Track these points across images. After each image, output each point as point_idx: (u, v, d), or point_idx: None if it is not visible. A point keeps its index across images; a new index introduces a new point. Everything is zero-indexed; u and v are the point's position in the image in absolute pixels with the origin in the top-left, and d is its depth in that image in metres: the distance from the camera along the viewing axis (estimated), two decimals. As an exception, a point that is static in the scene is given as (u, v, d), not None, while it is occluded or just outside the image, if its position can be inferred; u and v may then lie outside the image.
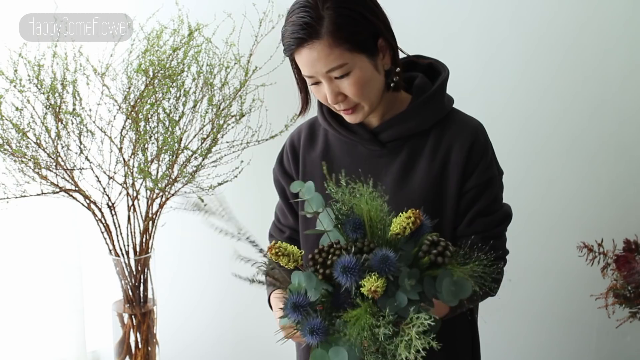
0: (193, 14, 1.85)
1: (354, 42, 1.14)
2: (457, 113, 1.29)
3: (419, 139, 1.26)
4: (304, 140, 1.36)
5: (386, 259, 0.94)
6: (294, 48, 1.15)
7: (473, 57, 2.01)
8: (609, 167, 2.01)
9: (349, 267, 0.94)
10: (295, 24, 1.14)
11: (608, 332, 1.93)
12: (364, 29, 1.15)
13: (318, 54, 1.13)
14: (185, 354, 2.29)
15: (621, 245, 1.74)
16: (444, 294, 0.96)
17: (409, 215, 0.98)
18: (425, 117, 1.25)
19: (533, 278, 2.09)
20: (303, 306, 0.96)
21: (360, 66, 1.16)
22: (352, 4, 1.15)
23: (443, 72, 1.28)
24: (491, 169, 1.27)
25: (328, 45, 1.12)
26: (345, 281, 0.94)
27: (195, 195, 1.86)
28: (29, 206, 1.87)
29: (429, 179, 1.24)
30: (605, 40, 1.94)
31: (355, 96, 1.17)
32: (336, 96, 1.18)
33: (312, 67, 1.15)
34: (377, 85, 1.20)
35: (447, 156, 1.24)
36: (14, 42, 1.70)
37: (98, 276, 2.17)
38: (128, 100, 1.75)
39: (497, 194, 1.28)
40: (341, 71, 1.15)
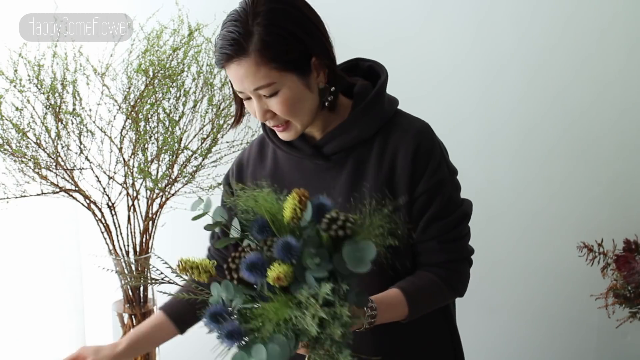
0: (193, 14, 1.85)
1: (283, 62, 1.10)
2: (401, 116, 1.24)
3: (364, 147, 1.21)
4: (253, 158, 1.33)
5: (287, 245, 0.94)
6: (222, 63, 1.12)
7: (476, 60, 2.01)
8: (609, 167, 2.01)
9: (254, 263, 0.94)
10: (224, 38, 1.11)
11: (608, 332, 1.93)
12: (294, 48, 1.11)
13: (245, 72, 1.10)
14: (186, 354, 2.28)
15: (621, 245, 1.74)
16: (350, 262, 0.94)
17: (293, 196, 0.97)
18: (366, 124, 1.20)
19: (533, 278, 2.09)
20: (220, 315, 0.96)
21: (289, 85, 1.12)
22: (283, 21, 1.11)
23: (382, 74, 1.23)
24: (440, 171, 1.20)
25: (255, 63, 1.09)
26: (254, 278, 0.94)
27: (196, 195, 1.86)
28: (29, 206, 1.87)
29: (378, 187, 1.19)
30: (605, 41, 1.94)
31: (284, 114, 1.14)
32: (264, 114, 1.15)
33: (240, 83, 1.12)
34: (308, 104, 1.16)
35: (393, 163, 1.19)
36: (14, 42, 1.70)
37: (98, 276, 2.17)
38: (128, 100, 1.75)
39: (450, 196, 1.22)
40: (269, 90, 1.11)
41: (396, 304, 1.15)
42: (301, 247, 0.95)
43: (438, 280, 1.20)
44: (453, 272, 1.22)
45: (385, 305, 1.12)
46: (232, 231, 1.05)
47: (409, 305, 1.16)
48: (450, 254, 1.22)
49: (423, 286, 1.19)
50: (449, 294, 1.23)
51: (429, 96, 2.05)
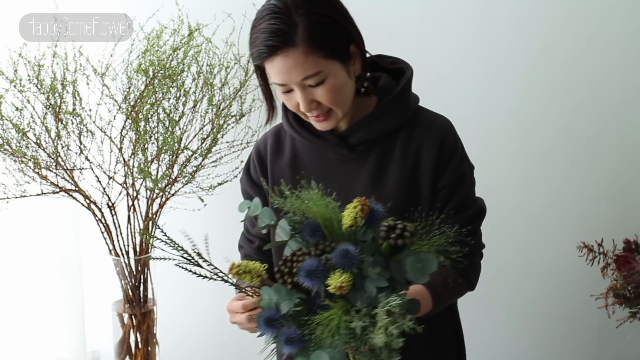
0: (193, 14, 1.85)
1: (329, 49, 1.12)
2: (424, 112, 1.28)
3: (388, 140, 1.24)
4: (270, 149, 1.33)
5: (347, 253, 0.94)
6: (266, 56, 1.12)
7: (475, 60, 2.01)
8: (609, 167, 2.01)
9: (312, 269, 0.93)
10: (267, 30, 1.11)
11: (608, 332, 1.93)
12: (338, 35, 1.14)
13: (293, 62, 1.10)
14: (185, 354, 2.29)
15: (621, 245, 1.74)
16: (411, 273, 0.95)
17: (355, 205, 0.97)
18: (392, 118, 1.23)
19: (533, 278, 2.09)
20: (276, 320, 0.96)
21: (334, 73, 1.14)
22: (325, 9, 1.12)
23: (407, 71, 1.26)
24: (462, 165, 1.25)
25: (303, 53, 1.10)
26: (311, 285, 0.94)
27: (196, 195, 1.86)
28: (29, 206, 1.87)
29: (402, 180, 1.22)
30: (606, 42, 1.95)
31: (330, 103, 1.16)
32: (310, 104, 1.16)
33: (286, 75, 1.12)
34: (350, 92, 1.19)
35: (417, 156, 1.22)
36: (14, 42, 1.70)
37: (98, 276, 2.17)
38: (128, 100, 1.75)
39: (469, 190, 1.27)
40: (316, 79, 1.13)
41: (422, 299, 1.17)
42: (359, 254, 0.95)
43: (456, 274, 1.24)
44: (470, 266, 1.26)
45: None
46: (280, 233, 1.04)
47: (433, 300, 1.19)
48: (467, 247, 1.24)
49: (444, 281, 1.21)
50: (466, 287, 1.28)
51: (427, 97, 2.04)
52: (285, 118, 1.29)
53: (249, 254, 1.42)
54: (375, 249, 0.98)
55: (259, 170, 1.35)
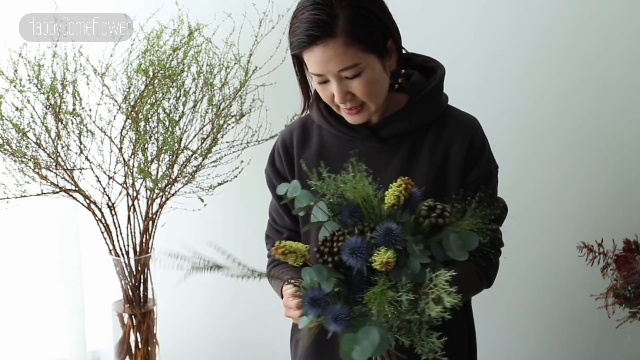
0: (193, 14, 1.85)
1: (368, 42, 1.14)
2: (454, 110, 1.31)
3: (418, 135, 1.26)
4: (297, 140, 1.35)
5: (390, 231, 0.97)
6: (306, 45, 1.13)
7: (473, 55, 2.01)
8: (609, 167, 2.01)
9: (356, 247, 0.96)
10: (308, 20, 1.13)
11: (608, 332, 1.93)
12: (377, 30, 1.16)
13: (332, 53, 1.12)
14: (185, 354, 2.29)
15: (621, 245, 1.74)
16: (454, 249, 0.99)
17: (399, 184, 1.01)
18: (424, 113, 1.25)
19: (533, 278, 2.09)
20: (320, 299, 0.97)
21: (371, 67, 1.16)
22: (367, 3, 1.15)
23: (439, 69, 1.29)
24: (489, 163, 1.30)
25: (343, 44, 1.12)
26: (355, 262, 0.96)
27: (196, 195, 1.86)
28: (29, 206, 1.87)
29: (431, 174, 1.25)
30: (606, 39, 1.94)
31: (364, 96, 1.17)
32: (344, 95, 1.18)
33: (324, 65, 1.14)
34: (384, 86, 1.21)
35: (447, 152, 1.25)
36: (14, 42, 1.70)
37: (98, 276, 2.17)
38: (128, 100, 1.75)
39: (494, 188, 1.32)
40: (353, 71, 1.14)
41: None
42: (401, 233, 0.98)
43: (479, 270, 1.27)
44: (490, 263, 1.30)
45: None
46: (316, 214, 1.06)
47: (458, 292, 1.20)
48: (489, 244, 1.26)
49: (466, 274, 1.23)
50: (485, 283, 1.32)
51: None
52: (317, 108, 1.30)
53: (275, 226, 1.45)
54: (415, 228, 1.02)
55: (284, 161, 1.36)
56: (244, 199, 2.09)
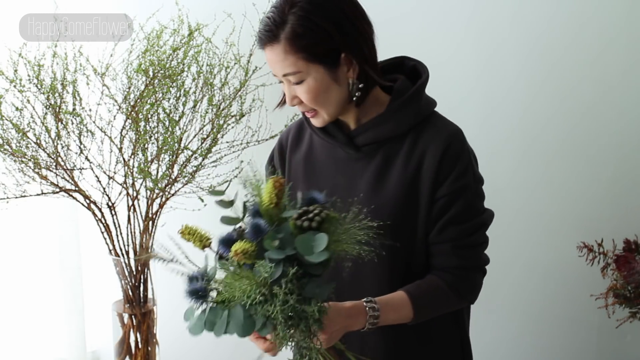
0: (193, 14, 1.85)
1: (310, 53, 1.14)
2: (437, 118, 1.26)
3: (395, 142, 1.24)
4: (291, 140, 1.36)
5: (257, 226, 1.02)
6: (259, 45, 1.18)
7: (477, 61, 2.01)
8: (609, 167, 2.01)
9: (227, 239, 1.04)
10: (263, 22, 1.16)
11: (608, 332, 1.93)
12: (323, 43, 1.14)
13: (275, 57, 1.15)
14: (185, 354, 2.28)
15: (621, 245, 1.74)
16: (300, 248, 1.01)
17: (270, 182, 1.05)
18: (400, 121, 1.23)
19: (533, 278, 2.09)
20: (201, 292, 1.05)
21: (314, 76, 1.15)
22: (317, 15, 1.13)
23: (423, 74, 1.26)
24: (465, 176, 1.21)
25: (283, 50, 1.13)
26: (223, 251, 1.04)
27: (196, 195, 1.86)
28: (29, 206, 1.87)
29: (403, 183, 1.21)
30: (605, 41, 1.94)
31: (309, 103, 1.18)
32: (292, 99, 1.19)
33: (272, 67, 1.18)
34: (334, 96, 1.19)
35: (420, 161, 1.21)
36: (14, 42, 1.70)
37: (98, 276, 2.17)
38: (128, 100, 1.75)
39: (471, 203, 1.23)
40: (294, 78, 1.16)
41: (401, 306, 1.17)
42: (269, 229, 1.03)
43: (445, 286, 1.21)
44: (462, 279, 1.23)
45: (389, 307, 1.15)
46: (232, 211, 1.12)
47: (414, 308, 1.18)
48: (462, 260, 1.22)
49: (429, 290, 1.20)
50: (455, 301, 1.24)
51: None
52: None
53: None
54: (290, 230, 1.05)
55: (278, 160, 1.38)
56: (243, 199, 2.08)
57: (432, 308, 1.22)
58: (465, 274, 1.23)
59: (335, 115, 1.23)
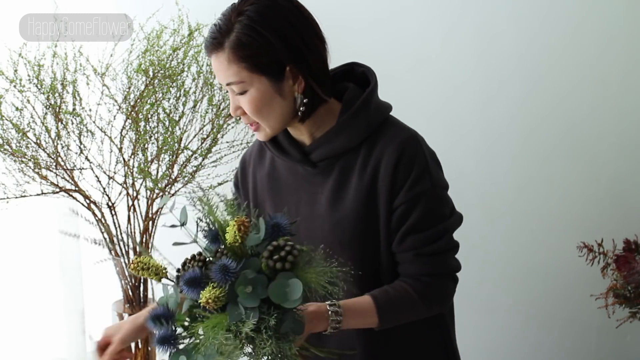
0: (193, 14, 1.85)
1: (253, 63, 1.11)
2: (391, 124, 1.21)
3: (351, 155, 1.20)
4: (254, 158, 1.34)
5: (225, 268, 0.93)
6: (207, 53, 1.15)
7: (476, 61, 2.01)
8: (609, 167, 2.01)
9: (193, 278, 0.95)
10: (210, 29, 1.15)
11: (608, 332, 1.93)
12: (267, 54, 1.11)
13: (219, 65, 1.13)
14: (185, 354, 2.29)
15: (621, 245, 1.74)
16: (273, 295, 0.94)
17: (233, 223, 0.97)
18: (352, 134, 1.19)
19: (533, 278, 2.09)
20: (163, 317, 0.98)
21: (257, 87, 1.13)
22: (262, 26, 1.11)
23: (371, 82, 1.21)
24: (422, 183, 1.16)
25: (227, 59, 1.12)
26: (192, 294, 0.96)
27: (196, 195, 1.86)
28: (29, 206, 1.87)
29: (360, 196, 1.18)
30: (605, 41, 1.94)
31: (252, 114, 1.15)
32: (235, 110, 1.17)
33: (217, 75, 1.16)
34: (278, 109, 1.16)
35: (375, 172, 1.17)
36: (14, 42, 1.70)
37: (98, 276, 2.16)
38: (128, 100, 1.75)
39: (432, 209, 1.18)
40: (237, 88, 1.14)
41: (365, 311, 1.15)
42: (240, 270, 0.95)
43: (412, 292, 1.18)
44: (428, 286, 1.19)
45: (353, 312, 1.13)
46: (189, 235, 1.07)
47: (379, 313, 1.15)
48: (426, 267, 1.19)
49: (395, 296, 1.17)
50: (422, 308, 1.20)
51: (428, 98, 2.05)
52: None
53: None
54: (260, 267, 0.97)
55: (241, 178, 1.37)
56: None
57: (398, 315, 1.19)
58: (431, 281, 1.20)
59: (279, 130, 1.19)
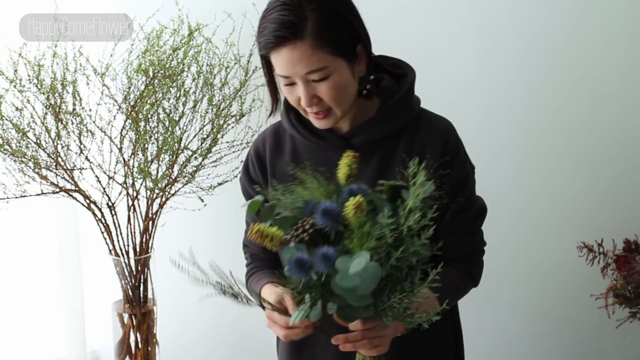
0: (193, 14, 1.85)
1: (336, 46, 1.13)
2: (426, 114, 1.28)
3: (390, 142, 1.24)
4: (270, 148, 1.33)
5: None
6: (273, 46, 1.13)
7: (478, 59, 2.01)
8: (609, 167, 2.01)
9: (328, 209, 1.02)
10: (276, 21, 1.12)
11: (608, 332, 1.93)
12: (346, 33, 1.14)
13: (300, 55, 1.11)
14: (185, 354, 2.29)
15: (621, 245, 1.74)
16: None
17: (346, 156, 1.08)
18: (395, 121, 1.23)
19: (533, 278, 2.09)
20: (306, 262, 1.01)
21: (339, 71, 1.14)
22: (337, 6, 1.13)
23: (410, 73, 1.27)
24: (465, 166, 1.27)
25: (310, 46, 1.11)
26: (325, 222, 1.02)
27: (196, 195, 1.86)
28: (29, 206, 1.87)
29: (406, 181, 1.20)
30: (605, 42, 1.94)
31: (331, 100, 1.16)
32: (311, 99, 1.16)
33: (291, 67, 1.13)
34: (352, 92, 1.19)
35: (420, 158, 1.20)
36: (14, 42, 1.70)
37: (98, 276, 2.17)
38: (128, 100, 1.75)
39: (473, 190, 1.29)
40: (320, 74, 1.13)
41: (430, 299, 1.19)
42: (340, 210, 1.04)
43: (462, 274, 1.27)
44: (473, 264, 1.30)
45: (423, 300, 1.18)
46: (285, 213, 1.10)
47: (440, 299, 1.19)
48: (471, 246, 1.29)
49: (450, 280, 1.23)
50: (470, 286, 1.31)
51: (429, 96, 2.04)
52: (286, 117, 1.29)
53: (256, 253, 1.40)
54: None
55: (257, 169, 1.34)
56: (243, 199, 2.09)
57: (453, 297, 1.26)
58: (475, 259, 1.30)
59: (345, 114, 1.22)
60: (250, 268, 1.39)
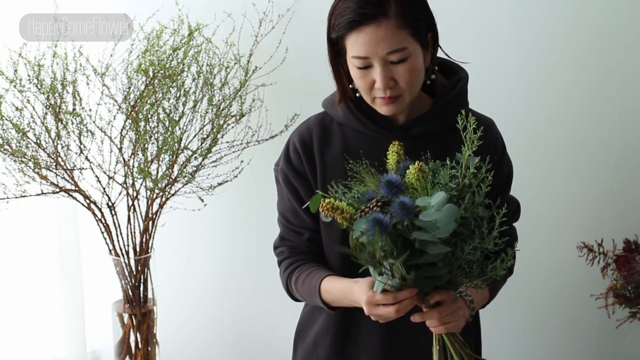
0: (193, 14, 1.85)
1: (416, 28, 1.15)
2: (473, 112, 1.33)
3: (445, 136, 1.27)
4: (317, 138, 1.30)
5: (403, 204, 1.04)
6: (356, 25, 1.12)
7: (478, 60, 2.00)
8: (609, 167, 2.01)
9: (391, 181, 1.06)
10: (360, 1, 1.12)
11: (608, 332, 1.93)
12: (424, 18, 1.18)
13: (384, 34, 1.11)
14: (185, 353, 2.29)
15: (621, 245, 1.74)
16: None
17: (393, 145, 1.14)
18: (452, 115, 1.23)
19: (533, 278, 2.09)
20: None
21: (416, 54, 1.16)
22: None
23: (461, 71, 1.32)
24: (509, 162, 1.36)
25: (395, 25, 1.12)
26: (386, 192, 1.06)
27: (196, 195, 1.86)
28: (29, 206, 1.87)
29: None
30: (606, 41, 1.94)
31: (406, 83, 1.16)
32: (388, 81, 1.16)
33: (372, 47, 1.13)
34: (422, 79, 1.21)
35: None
36: (14, 42, 1.70)
37: (98, 276, 2.17)
38: (128, 100, 1.75)
39: (511, 184, 1.37)
40: (400, 55, 1.14)
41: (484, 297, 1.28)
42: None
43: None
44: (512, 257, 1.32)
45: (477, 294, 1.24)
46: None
47: (490, 291, 1.29)
48: (511, 239, 1.34)
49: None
50: (508, 276, 1.41)
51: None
52: (346, 107, 1.27)
53: (297, 246, 1.36)
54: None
55: (304, 159, 1.30)
56: (244, 199, 2.09)
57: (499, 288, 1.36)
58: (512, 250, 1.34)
59: (411, 102, 1.23)
60: (292, 261, 1.34)
